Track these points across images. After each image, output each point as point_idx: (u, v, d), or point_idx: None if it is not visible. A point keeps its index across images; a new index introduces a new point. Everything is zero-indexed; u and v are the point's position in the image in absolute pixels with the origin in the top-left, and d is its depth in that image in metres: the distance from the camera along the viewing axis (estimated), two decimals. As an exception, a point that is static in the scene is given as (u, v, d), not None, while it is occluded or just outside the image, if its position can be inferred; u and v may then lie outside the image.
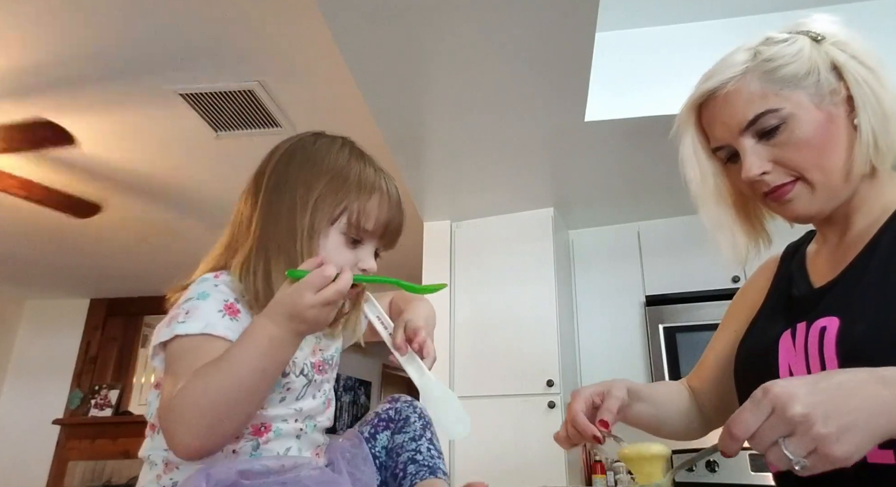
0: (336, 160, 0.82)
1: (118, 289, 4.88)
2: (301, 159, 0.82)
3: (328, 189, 0.79)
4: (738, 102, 0.75)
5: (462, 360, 2.92)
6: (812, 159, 0.72)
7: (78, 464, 4.47)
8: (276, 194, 0.80)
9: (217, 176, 3.07)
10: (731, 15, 2.26)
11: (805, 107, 0.72)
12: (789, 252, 0.91)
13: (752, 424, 0.54)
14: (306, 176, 0.80)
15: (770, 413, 0.53)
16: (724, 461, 2.74)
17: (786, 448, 0.52)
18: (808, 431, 0.51)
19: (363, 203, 0.79)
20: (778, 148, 0.73)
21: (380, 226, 0.81)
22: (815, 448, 0.50)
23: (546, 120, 2.30)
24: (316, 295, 0.65)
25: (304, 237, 0.76)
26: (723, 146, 0.79)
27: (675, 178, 0.87)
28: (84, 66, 2.27)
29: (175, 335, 0.69)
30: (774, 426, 0.52)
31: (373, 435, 0.90)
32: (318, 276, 0.66)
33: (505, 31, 1.82)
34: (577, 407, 0.77)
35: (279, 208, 0.78)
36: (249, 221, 0.80)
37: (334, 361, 0.88)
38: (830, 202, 0.75)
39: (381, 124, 2.30)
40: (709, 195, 0.84)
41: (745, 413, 0.54)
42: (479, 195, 2.94)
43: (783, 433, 0.52)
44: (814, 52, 0.74)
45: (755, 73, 0.74)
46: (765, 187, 0.75)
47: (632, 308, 3.07)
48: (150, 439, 0.76)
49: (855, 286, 0.71)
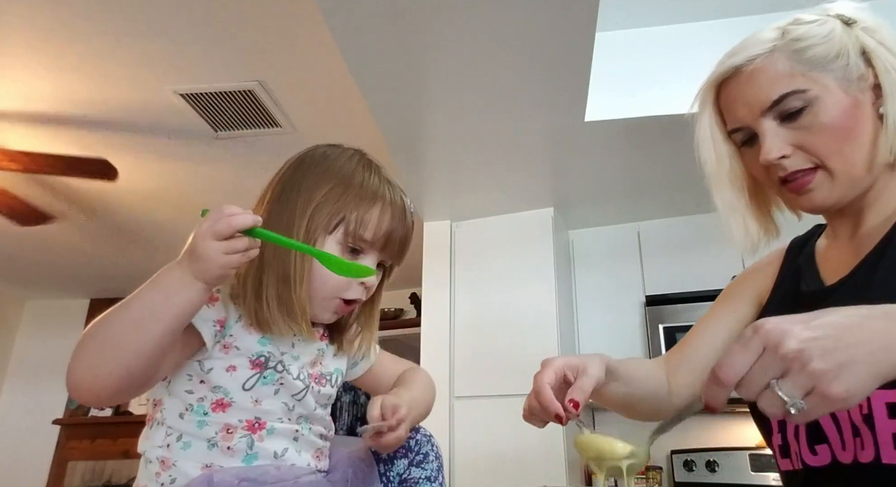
0: (342, 168, 0.81)
1: (118, 289, 4.87)
2: (307, 167, 0.82)
3: (328, 197, 0.78)
4: (764, 81, 0.71)
5: (462, 360, 2.92)
6: (834, 145, 0.69)
7: (78, 464, 4.47)
8: (279, 202, 0.80)
9: (217, 176, 3.07)
10: (731, 15, 2.26)
11: (832, 91, 0.70)
12: (795, 246, 0.87)
13: (742, 365, 0.48)
14: (308, 184, 0.79)
15: (761, 353, 0.48)
16: (725, 460, 2.74)
17: (779, 389, 0.47)
18: (803, 368, 0.46)
19: (363, 212, 0.78)
20: (800, 131, 0.70)
21: (380, 237, 0.79)
22: (813, 387, 0.46)
23: (546, 120, 2.30)
24: (210, 224, 0.63)
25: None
26: (741, 128, 0.75)
27: (675, 178, 0.87)
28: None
29: None
30: (767, 366, 0.47)
31: (390, 459, 0.89)
32: (216, 211, 0.64)
33: (505, 31, 1.82)
34: (544, 379, 0.70)
35: (279, 216, 0.78)
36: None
37: (335, 379, 0.87)
38: (850, 192, 0.72)
39: (381, 124, 2.30)
40: (724, 177, 0.80)
41: (733, 355, 0.49)
42: (479, 195, 2.94)
43: (776, 373, 0.47)
44: (844, 35, 0.71)
45: (783, 51, 0.71)
46: (781, 172, 0.72)
47: (632, 308, 3.07)
48: (146, 436, 0.77)
49: (868, 283, 0.69)
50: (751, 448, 2.75)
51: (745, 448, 2.75)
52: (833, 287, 0.73)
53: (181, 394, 0.74)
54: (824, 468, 0.67)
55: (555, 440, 2.63)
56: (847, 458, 0.64)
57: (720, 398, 0.50)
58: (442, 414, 2.80)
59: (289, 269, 0.75)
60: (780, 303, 0.81)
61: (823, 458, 0.67)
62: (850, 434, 0.64)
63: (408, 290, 4.27)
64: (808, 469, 0.69)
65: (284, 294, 0.75)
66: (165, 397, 0.75)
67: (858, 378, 0.46)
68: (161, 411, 0.75)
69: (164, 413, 0.75)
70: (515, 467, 2.63)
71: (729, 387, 0.49)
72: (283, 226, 0.76)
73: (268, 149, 2.78)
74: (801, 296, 0.77)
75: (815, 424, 0.67)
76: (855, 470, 0.63)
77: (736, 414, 2.93)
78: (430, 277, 3.11)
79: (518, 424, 3.01)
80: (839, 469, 0.65)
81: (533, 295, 2.90)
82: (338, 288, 0.78)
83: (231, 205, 0.64)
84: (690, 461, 2.80)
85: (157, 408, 0.76)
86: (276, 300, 0.75)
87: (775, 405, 0.47)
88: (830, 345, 0.46)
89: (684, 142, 2.40)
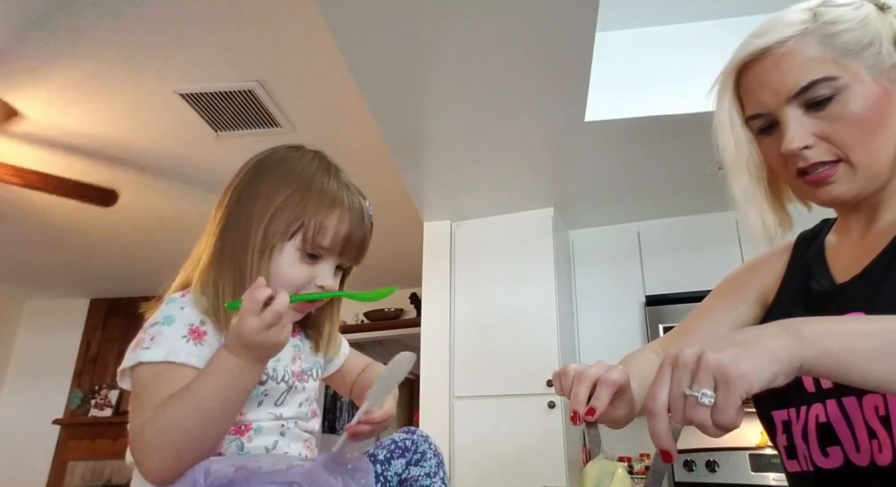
0: (301, 173, 0.80)
1: (118, 289, 4.88)
2: (266, 171, 0.82)
3: (287, 203, 0.77)
4: (793, 66, 0.67)
5: (462, 360, 2.92)
6: (861, 137, 0.66)
7: (78, 464, 4.47)
8: (237, 206, 0.79)
9: (217, 176, 3.07)
10: (731, 15, 2.26)
11: (862, 80, 0.66)
12: (803, 241, 0.84)
13: (661, 391, 0.52)
14: (268, 189, 0.79)
15: (671, 373, 0.52)
16: (724, 461, 2.74)
17: (691, 391, 0.50)
18: (705, 365, 0.50)
19: (321, 218, 0.77)
20: (826, 121, 0.67)
21: (338, 243, 0.79)
22: (714, 377, 0.49)
23: (546, 120, 2.30)
24: (257, 320, 0.65)
25: (255, 252, 0.75)
26: (762, 114, 0.71)
27: (676, 178, 0.85)
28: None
29: (139, 361, 0.70)
30: (677, 380, 0.51)
31: (388, 459, 0.89)
32: (250, 301, 0.65)
33: (505, 31, 1.82)
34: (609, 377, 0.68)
35: (238, 221, 0.78)
36: (211, 233, 0.80)
37: (315, 372, 0.88)
38: (869, 186, 0.69)
39: (381, 124, 2.30)
40: (742, 165, 0.76)
41: (651, 389, 0.53)
42: (479, 195, 2.94)
43: (688, 382, 0.51)
44: (878, 20, 0.67)
45: (815, 35, 0.67)
46: (802, 162, 0.69)
47: (632, 308, 3.07)
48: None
49: (881, 282, 0.66)
50: (751, 448, 2.75)
51: (745, 448, 2.75)
52: (845, 286, 0.71)
53: None
54: (836, 470, 0.65)
55: (555, 440, 2.63)
56: (862, 461, 0.63)
57: (662, 430, 0.52)
58: (442, 414, 2.80)
59: (245, 270, 0.75)
60: (790, 302, 0.78)
61: (835, 460, 0.66)
62: (864, 437, 0.63)
63: (408, 290, 4.27)
64: (820, 471, 0.67)
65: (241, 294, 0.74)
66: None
67: (756, 360, 0.49)
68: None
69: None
70: (515, 467, 2.63)
71: (662, 415, 0.52)
72: (241, 231, 0.77)
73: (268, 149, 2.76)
74: (812, 295, 0.75)
75: (827, 425, 0.66)
76: (871, 473, 0.62)
77: (736, 414, 2.93)
78: (430, 277, 3.11)
79: (518, 424, 3.01)
80: (853, 471, 0.64)
81: (533, 295, 2.90)
82: (295, 288, 0.78)
83: (257, 290, 0.66)
84: (690, 461, 2.80)
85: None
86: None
87: (696, 409, 0.50)
88: (722, 344, 0.51)
89: (684, 142, 2.42)
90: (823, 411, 0.67)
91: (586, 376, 0.67)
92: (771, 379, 0.50)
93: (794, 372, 0.51)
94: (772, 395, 0.75)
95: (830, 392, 0.66)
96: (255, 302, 0.65)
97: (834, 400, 0.66)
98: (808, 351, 0.51)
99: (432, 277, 3.11)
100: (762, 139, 0.74)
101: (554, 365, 2.73)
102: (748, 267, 0.89)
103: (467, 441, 2.76)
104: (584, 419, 0.66)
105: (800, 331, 0.52)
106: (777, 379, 0.50)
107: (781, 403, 0.73)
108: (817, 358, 0.51)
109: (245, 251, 0.76)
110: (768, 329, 0.53)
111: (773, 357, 0.50)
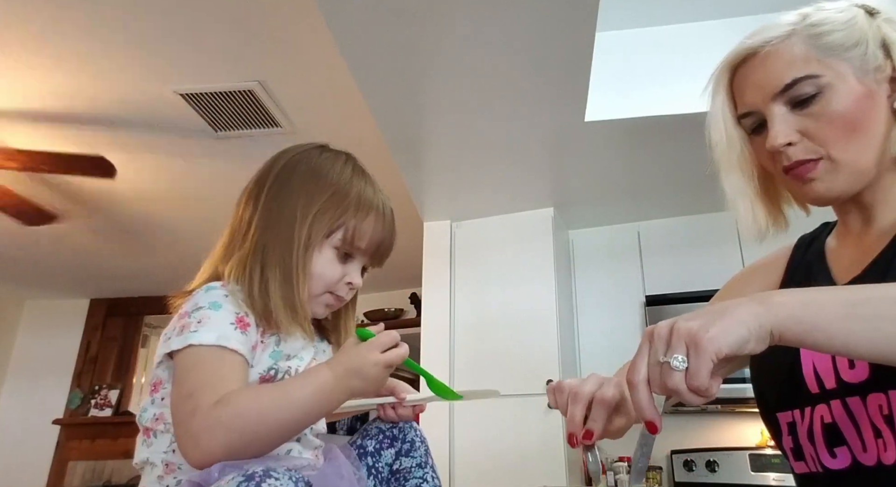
0: (339, 176, 0.85)
1: (118, 289, 4.88)
2: (304, 170, 0.85)
3: (328, 204, 0.81)
4: (778, 64, 0.70)
5: (462, 360, 2.92)
6: (842, 135, 0.67)
7: (78, 464, 4.47)
8: (276, 202, 0.82)
9: (217, 176, 3.07)
10: (731, 15, 2.26)
11: (846, 80, 0.68)
12: (803, 243, 0.85)
13: (641, 362, 0.55)
14: (309, 188, 0.82)
15: (649, 346, 0.55)
16: (724, 461, 2.74)
17: (665, 358, 0.53)
18: (677, 333, 0.53)
19: (359, 221, 0.82)
20: (809, 119, 0.68)
21: (372, 245, 0.84)
22: (687, 343, 0.52)
23: (546, 120, 2.30)
24: (382, 355, 0.72)
25: (301, 248, 0.79)
26: (751, 112, 0.73)
27: (675, 178, 0.86)
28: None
29: (189, 344, 0.70)
30: (655, 350, 0.54)
31: (377, 450, 0.90)
32: (388, 337, 0.73)
33: (505, 31, 1.82)
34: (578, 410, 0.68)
35: (279, 216, 0.81)
36: (248, 225, 0.82)
37: None
38: (854, 185, 0.70)
39: (381, 124, 2.30)
40: (733, 161, 0.78)
41: (632, 361, 0.56)
42: (479, 195, 2.94)
43: (663, 351, 0.53)
44: (865, 24, 0.69)
45: (800, 35, 0.69)
46: (786, 161, 0.70)
47: (632, 308, 3.07)
48: (146, 445, 0.75)
49: (881, 281, 0.66)
50: (751, 448, 2.75)
51: (745, 448, 2.75)
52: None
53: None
54: (845, 471, 0.65)
55: (555, 440, 2.63)
56: (869, 460, 0.63)
57: (644, 401, 0.54)
58: (442, 414, 2.80)
59: (290, 271, 0.78)
60: None
61: (843, 461, 0.65)
62: (870, 436, 0.63)
63: (408, 290, 4.27)
64: (829, 472, 0.67)
65: (288, 295, 0.78)
66: (167, 414, 0.74)
67: (725, 325, 0.52)
68: (164, 424, 0.74)
69: (166, 426, 0.74)
70: (515, 467, 2.63)
71: (642, 385, 0.54)
72: (283, 228, 0.80)
73: (268, 149, 2.76)
74: None
75: (833, 425, 0.66)
76: (879, 472, 0.62)
77: (736, 414, 2.93)
78: (430, 277, 3.11)
79: (518, 424, 3.01)
80: (862, 471, 0.63)
81: (533, 295, 2.90)
82: (329, 285, 0.83)
83: (391, 334, 0.74)
84: (690, 461, 2.80)
85: (157, 422, 0.75)
86: (282, 301, 0.77)
87: (670, 375, 0.52)
88: (695, 314, 0.54)
89: (684, 142, 2.42)
90: (828, 411, 0.67)
91: (581, 396, 0.67)
92: (741, 344, 0.52)
93: (765, 338, 0.53)
94: (776, 397, 0.75)
95: (834, 392, 0.66)
96: (392, 339, 0.73)
97: (838, 401, 0.66)
98: (776, 317, 0.53)
99: (432, 277, 3.11)
100: (754, 138, 0.76)
101: (554, 364, 2.74)
102: (750, 270, 0.90)
103: (467, 440, 2.76)
104: (582, 442, 0.66)
105: (770, 299, 0.54)
106: (748, 344, 0.52)
107: (785, 405, 0.73)
108: (786, 324, 0.53)
109: (290, 248, 0.79)
110: (740, 300, 0.55)
111: (741, 321, 0.52)
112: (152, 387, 0.76)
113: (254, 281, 0.77)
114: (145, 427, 0.76)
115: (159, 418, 0.75)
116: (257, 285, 0.77)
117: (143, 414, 0.76)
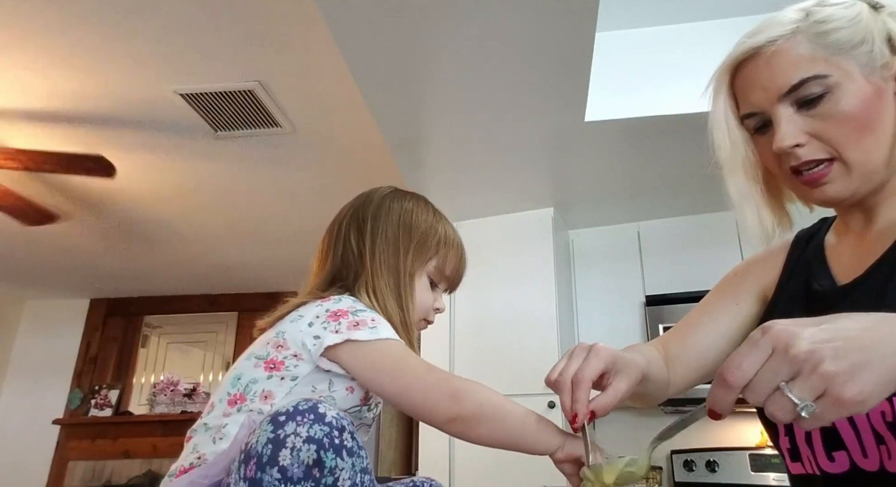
0: (427, 218, 1.00)
1: (118, 289, 4.87)
2: (398, 213, 0.98)
3: (422, 240, 0.97)
4: (784, 64, 0.67)
5: (462, 360, 2.92)
6: (853, 135, 0.66)
7: (78, 464, 4.47)
8: (381, 237, 0.95)
9: (217, 176, 3.07)
10: (731, 15, 2.26)
11: (854, 78, 0.66)
12: (801, 239, 0.83)
13: (751, 368, 0.46)
14: (405, 228, 0.96)
15: (770, 354, 0.46)
16: (725, 461, 2.74)
17: (790, 392, 0.44)
18: (815, 369, 0.43)
19: (450, 256, 0.99)
20: (817, 120, 0.66)
21: (455, 277, 1.02)
22: (825, 390, 0.43)
23: (546, 120, 2.30)
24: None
25: (407, 275, 0.94)
26: (755, 113, 0.71)
27: (675, 178, 0.85)
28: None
29: (383, 337, 0.81)
30: (776, 368, 0.45)
31: None
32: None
33: (505, 30, 1.82)
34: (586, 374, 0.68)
35: (385, 249, 0.94)
36: (361, 255, 0.94)
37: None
38: (865, 185, 0.68)
39: (381, 124, 2.30)
40: (738, 164, 0.76)
41: (740, 357, 0.47)
42: (479, 195, 2.94)
43: (786, 375, 0.45)
44: (870, 19, 0.67)
45: (806, 34, 0.67)
46: (794, 161, 0.68)
47: (632, 308, 3.07)
48: (223, 413, 0.79)
49: (886, 283, 0.65)
50: (751, 448, 2.75)
51: (745, 448, 2.75)
52: (848, 287, 0.70)
53: (297, 396, 0.79)
54: (843, 475, 0.65)
55: (555, 440, 2.63)
56: (871, 466, 0.62)
57: (727, 401, 0.48)
58: (442, 414, 2.79)
59: (400, 291, 0.92)
60: (790, 301, 0.78)
61: (842, 465, 0.65)
62: (871, 442, 0.62)
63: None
64: (826, 475, 0.66)
65: (403, 319, 0.91)
66: (280, 395, 0.79)
67: (873, 380, 0.43)
68: (271, 404, 0.78)
69: (272, 406, 0.77)
70: (515, 467, 2.62)
71: (736, 390, 0.47)
72: (390, 257, 0.94)
73: (268, 149, 2.78)
74: (814, 295, 0.74)
75: (832, 429, 0.65)
76: (882, 478, 0.61)
77: (736, 414, 2.93)
78: (430, 277, 3.11)
79: (518, 424, 2.92)
80: (861, 476, 0.63)
81: (533, 295, 2.90)
82: (425, 311, 0.98)
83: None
84: (690, 461, 2.80)
85: (266, 400, 0.79)
86: (400, 324, 0.90)
87: (785, 408, 0.45)
88: (843, 347, 0.44)
89: (684, 142, 2.42)
90: None
91: (563, 383, 0.69)
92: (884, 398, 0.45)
93: None
94: None
95: None
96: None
97: None
98: None
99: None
100: (757, 139, 0.74)
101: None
102: (747, 264, 0.89)
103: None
104: (574, 428, 0.67)
105: None
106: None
107: None
108: None
109: (397, 275, 0.93)
110: (884, 330, 0.46)
111: (893, 376, 0.44)
112: (272, 366, 0.81)
113: (388, 299, 0.90)
114: (240, 394, 0.79)
115: (268, 395, 0.79)
116: (379, 307, 0.88)
117: (250, 385, 0.80)
